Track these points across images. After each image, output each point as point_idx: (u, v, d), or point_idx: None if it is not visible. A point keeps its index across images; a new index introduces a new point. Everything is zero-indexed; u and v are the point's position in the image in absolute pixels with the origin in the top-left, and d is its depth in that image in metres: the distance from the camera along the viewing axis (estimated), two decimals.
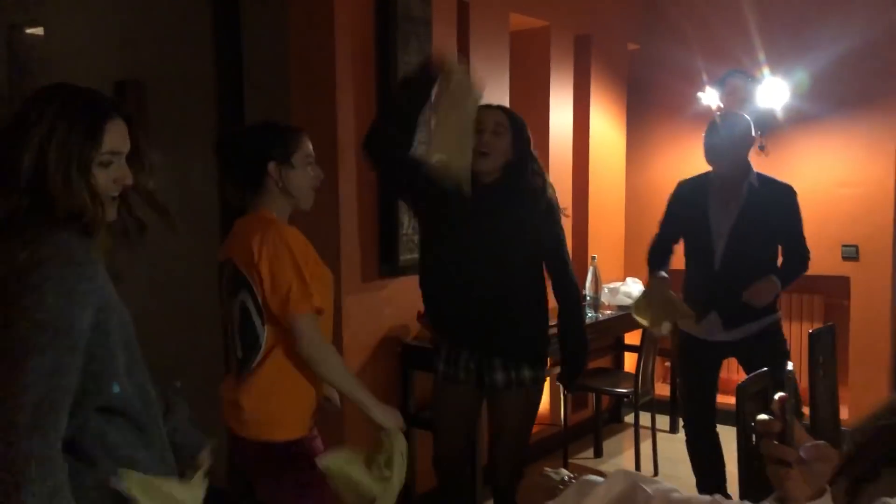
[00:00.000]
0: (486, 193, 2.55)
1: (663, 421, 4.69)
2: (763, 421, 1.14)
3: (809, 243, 4.71)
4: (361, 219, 3.34)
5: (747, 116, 3.28)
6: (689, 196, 3.33)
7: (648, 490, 0.99)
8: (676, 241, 3.40)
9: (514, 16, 4.12)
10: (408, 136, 2.57)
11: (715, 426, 3.37)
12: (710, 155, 3.18)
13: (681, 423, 4.76)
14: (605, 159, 4.96)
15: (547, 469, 1.13)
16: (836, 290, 4.75)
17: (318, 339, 2.05)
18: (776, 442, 1.10)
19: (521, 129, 2.61)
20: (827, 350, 2.88)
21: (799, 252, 3.26)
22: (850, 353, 4.61)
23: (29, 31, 4.54)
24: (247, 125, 2.50)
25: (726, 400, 3.26)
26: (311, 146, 2.23)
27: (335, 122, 3.18)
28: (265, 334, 2.09)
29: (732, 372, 4.43)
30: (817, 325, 4.40)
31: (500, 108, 2.65)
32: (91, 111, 1.43)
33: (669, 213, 3.41)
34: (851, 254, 4.67)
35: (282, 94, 3.35)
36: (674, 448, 4.21)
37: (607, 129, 4.98)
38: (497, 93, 4.02)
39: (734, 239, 3.15)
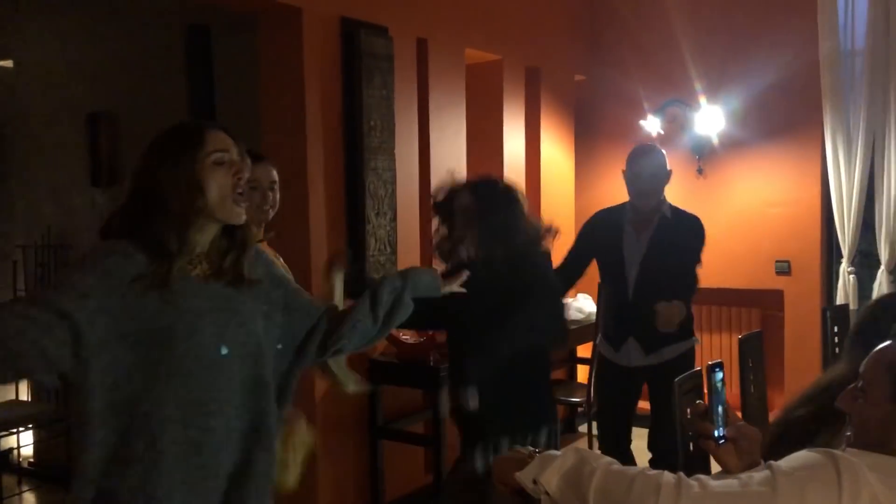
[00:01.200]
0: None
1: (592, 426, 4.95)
2: (693, 404, 1.40)
3: (745, 260, 5.11)
4: (330, 243, 3.55)
5: (664, 152, 3.43)
6: (605, 225, 3.44)
7: (594, 464, 1.23)
8: (582, 268, 3.51)
9: (470, 50, 4.40)
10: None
11: (629, 448, 3.48)
12: (638, 193, 3.31)
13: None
14: (555, 182, 5.25)
15: (517, 446, 1.37)
16: (771, 303, 5.10)
17: None
18: (702, 421, 1.36)
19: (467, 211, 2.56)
20: (756, 354, 3.17)
21: (691, 285, 3.32)
22: (785, 362, 4.95)
23: None
24: None
25: None
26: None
27: (305, 153, 3.39)
28: None
29: None
30: None
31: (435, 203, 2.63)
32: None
33: (581, 240, 3.54)
34: (784, 268, 5.02)
35: (253, 127, 3.56)
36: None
37: (557, 154, 5.28)
38: (454, 122, 4.29)
39: (646, 268, 3.25)
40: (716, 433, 1.36)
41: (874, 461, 1.15)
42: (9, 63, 4.65)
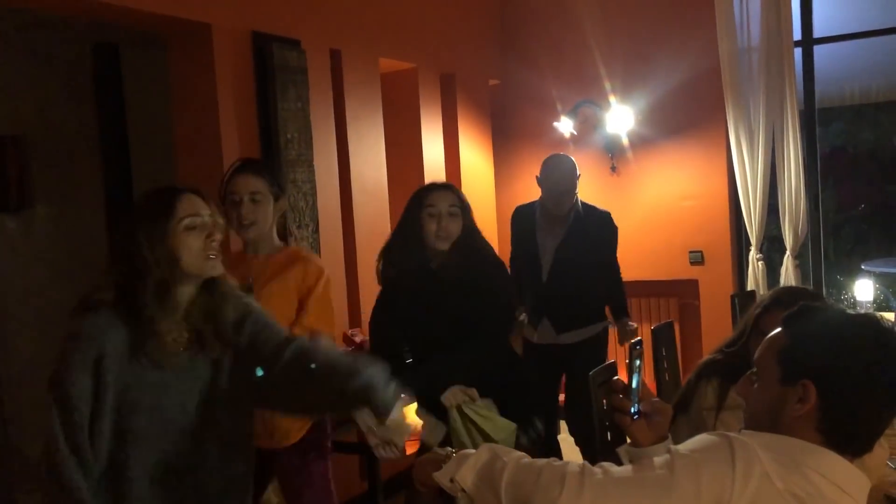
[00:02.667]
0: (437, 280, 2.61)
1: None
2: (612, 380, 1.49)
3: (661, 252, 5.30)
4: None
5: (570, 156, 3.80)
6: (521, 219, 3.88)
7: (505, 459, 1.29)
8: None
9: (383, 60, 4.45)
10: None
11: (556, 430, 3.76)
12: (554, 200, 3.66)
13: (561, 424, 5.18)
14: (476, 184, 5.34)
15: (436, 448, 1.42)
16: (687, 292, 5.30)
17: None
18: (620, 396, 1.44)
19: (466, 207, 2.68)
20: (668, 342, 3.32)
21: (613, 273, 3.83)
22: (703, 347, 5.16)
23: None
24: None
25: None
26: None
27: (221, 166, 3.34)
28: None
29: None
30: None
31: (447, 186, 2.71)
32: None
33: (512, 236, 3.96)
34: (698, 259, 5.23)
35: (167, 146, 3.53)
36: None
37: (475, 157, 5.37)
38: (372, 131, 4.33)
39: (560, 256, 3.66)
40: (632, 409, 1.44)
41: (766, 440, 1.24)
42: None
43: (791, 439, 1.23)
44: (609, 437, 2.44)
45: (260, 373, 1.79)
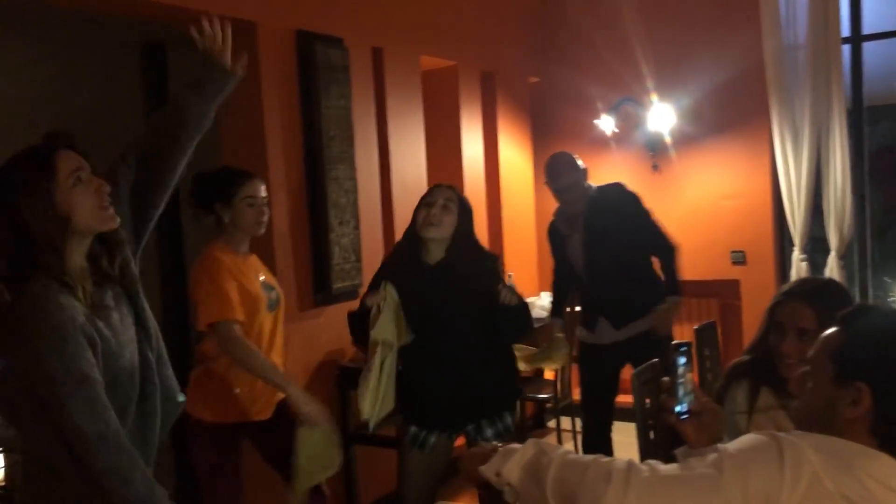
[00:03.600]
0: (433, 274, 2.71)
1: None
2: (661, 380, 1.49)
3: (702, 251, 5.24)
4: (295, 253, 3.58)
5: (572, 155, 3.63)
6: (553, 231, 3.77)
7: (551, 454, 1.30)
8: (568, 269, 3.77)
9: (425, 58, 4.46)
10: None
11: (610, 431, 3.66)
12: (567, 203, 3.54)
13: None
14: (515, 184, 5.34)
15: (482, 442, 1.44)
16: (728, 293, 5.23)
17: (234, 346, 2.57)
18: (664, 396, 1.45)
19: (465, 206, 2.76)
20: (711, 343, 3.28)
21: (663, 246, 3.54)
22: (743, 348, 5.08)
23: None
24: (206, 170, 2.81)
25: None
26: (259, 188, 2.70)
27: (266, 165, 3.43)
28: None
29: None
30: None
31: (449, 187, 2.80)
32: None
33: (552, 251, 3.83)
34: (740, 259, 5.17)
35: (212, 143, 3.57)
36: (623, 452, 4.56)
37: (515, 155, 5.36)
38: (413, 129, 4.36)
39: (589, 250, 3.50)
40: (677, 408, 1.44)
41: (817, 441, 1.22)
42: None
43: (843, 441, 1.22)
44: (652, 436, 2.43)
45: (181, 398, 1.80)
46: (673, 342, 1.57)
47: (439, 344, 2.69)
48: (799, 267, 4.88)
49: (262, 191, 2.75)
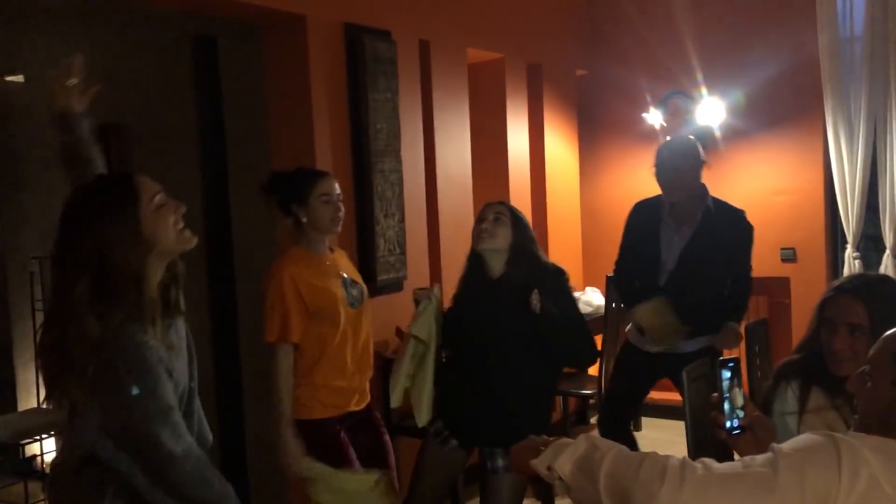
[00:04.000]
0: (493, 287, 2.75)
1: None
2: (711, 395, 1.48)
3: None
4: (341, 245, 3.59)
5: (692, 138, 3.43)
6: (643, 215, 3.47)
7: (603, 449, 1.29)
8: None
9: (471, 50, 4.45)
10: None
11: (629, 430, 3.61)
12: (662, 186, 3.34)
13: (643, 420, 5.12)
14: (560, 177, 5.31)
15: (532, 436, 1.44)
16: (777, 291, 5.14)
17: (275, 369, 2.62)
18: (714, 412, 1.44)
19: (518, 218, 2.80)
20: (761, 341, 3.22)
21: (745, 281, 3.42)
22: (792, 348, 4.99)
23: (9, 78, 4.74)
24: (281, 171, 2.85)
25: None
26: (333, 185, 2.72)
27: (314, 158, 3.45)
28: None
29: None
30: None
31: (499, 202, 2.86)
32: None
33: (628, 233, 3.55)
34: (790, 256, 5.06)
35: (261, 134, 3.62)
36: (639, 444, 4.52)
37: (561, 149, 5.33)
38: (458, 121, 4.35)
39: (685, 259, 3.28)
40: (727, 424, 1.43)
41: (876, 443, 1.19)
42: (20, 78, 4.73)
43: None
44: (704, 436, 2.40)
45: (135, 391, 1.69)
46: (719, 357, 1.55)
47: (485, 360, 2.72)
48: (852, 265, 4.77)
49: (336, 188, 2.74)
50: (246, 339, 3.81)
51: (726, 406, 1.47)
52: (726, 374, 1.48)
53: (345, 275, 2.79)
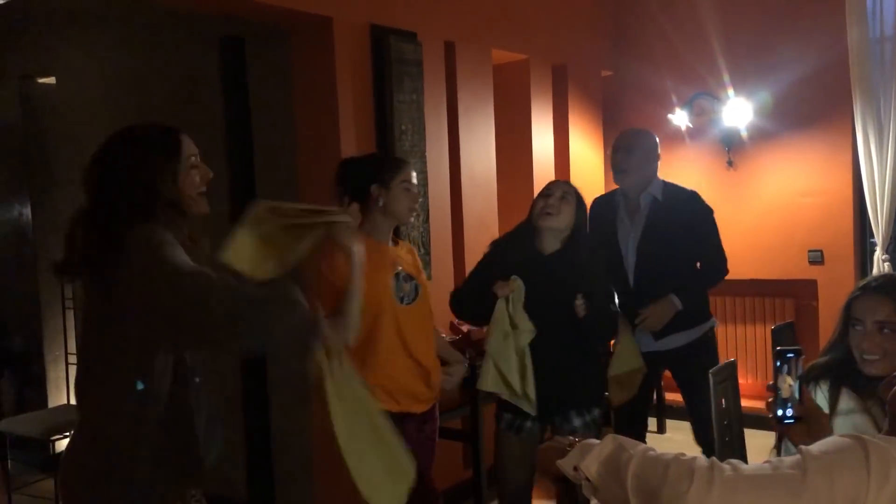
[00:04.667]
0: (546, 262, 2.76)
1: (650, 423, 4.98)
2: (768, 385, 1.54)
3: (778, 250, 5.10)
4: None
5: (652, 133, 3.39)
6: (600, 213, 3.35)
7: (630, 451, 1.29)
8: None
9: (496, 51, 4.46)
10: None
11: (643, 433, 3.56)
12: (613, 170, 3.30)
13: (667, 422, 5.09)
14: (585, 178, 5.28)
15: (557, 437, 1.44)
16: (804, 293, 5.09)
17: None
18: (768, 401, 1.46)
19: (581, 201, 2.81)
20: (788, 344, 3.18)
21: (713, 262, 3.26)
22: (820, 351, 4.94)
23: (41, 80, 4.82)
24: (357, 155, 2.83)
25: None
26: (414, 174, 2.68)
27: (339, 158, 3.45)
28: None
29: None
30: None
31: (566, 182, 2.88)
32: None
33: (591, 233, 3.22)
34: (817, 258, 5.01)
35: (288, 135, 3.65)
36: (661, 447, 4.49)
37: (585, 150, 5.31)
38: (483, 122, 4.36)
39: (642, 254, 3.20)
40: (779, 412, 1.47)
41: None
42: (51, 80, 4.80)
43: None
44: (728, 438, 2.38)
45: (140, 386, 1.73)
46: (777, 347, 1.57)
47: (543, 331, 2.71)
48: (881, 267, 4.71)
49: (415, 178, 2.71)
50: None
51: (779, 395, 1.50)
52: (781, 363, 1.50)
53: (400, 268, 2.68)
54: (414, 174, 2.69)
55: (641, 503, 1.22)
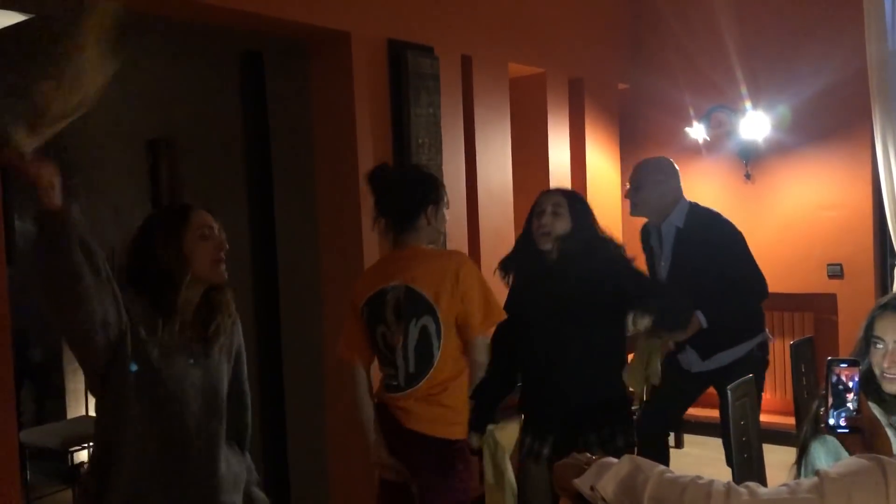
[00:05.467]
0: (553, 270, 2.69)
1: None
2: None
3: (797, 264, 5.05)
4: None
5: (663, 161, 3.39)
6: (645, 239, 3.51)
7: (647, 472, 1.28)
8: None
9: (513, 65, 4.47)
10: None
11: (666, 446, 3.55)
12: (631, 207, 3.38)
13: (685, 437, 5.06)
14: (602, 191, 5.28)
15: (575, 453, 1.43)
16: (824, 307, 5.04)
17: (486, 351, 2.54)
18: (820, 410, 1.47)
19: (575, 205, 2.73)
20: (807, 358, 3.16)
21: (744, 282, 3.24)
22: None
23: None
24: (403, 172, 2.79)
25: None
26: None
27: (357, 171, 3.49)
28: (439, 354, 2.47)
29: None
30: None
31: (556, 191, 2.82)
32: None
33: (644, 252, 3.52)
34: (836, 272, 4.97)
35: (306, 148, 3.68)
36: (679, 462, 4.47)
37: (602, 163, 5.31)
38: (500, 136, 4.37)
39: (674, 279, 3.25)
40: (830, 421, 1.50)
41: None
42: None
43: None
44: (746, 455, 2.36)
45: (133, 368, 1.88)
46: (829, 358, 1.60)
47: (555, 343, 2.65)
48: None
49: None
50: (289, 347, 3.85)
51: (831, 403, 1.52)
52: (831, 373, 1.54)
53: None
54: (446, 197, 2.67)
55: None
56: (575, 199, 2.75)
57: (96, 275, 1.73)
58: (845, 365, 1.55)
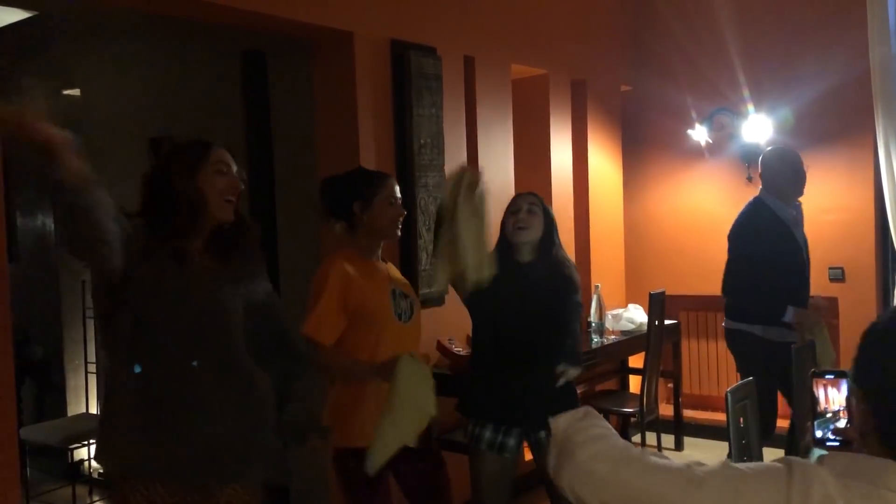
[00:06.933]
0: (525, 271, 2.81)
1: (668, 439, 4.96)
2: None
3: None
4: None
5: (785, 151, 3.86)
6: (768, 219, 3.79)
7: (593, 420, 1.33)
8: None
9: (515, 66, 4.47)
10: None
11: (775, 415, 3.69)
12: (793, 189, 3.82)
13: (685, 440, 5.05)
14: (604, 193, 5.29)
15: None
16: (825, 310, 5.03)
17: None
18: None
19: (547, 210, 2.88)
20: (808, 362, 3.15)
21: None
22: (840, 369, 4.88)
23: (66, 92, 4.88)
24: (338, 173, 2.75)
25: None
26: (396, 188, 2.66)
27: None
28: None
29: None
30: None
31: (529, 193, 2.94)
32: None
33: (757, 242, 3.72)
34: (838, 275, 4.97)
35: (308, 149, 3.68)
36: None
37: (604, 165, 5.31)
38: (502, 137, 4.37)
39: (807, 255, 3.86)
40: (817, 434, 1.52)
41: (847, 464, 1.17)
42: (76, 91, 4.87)
43: (867, 457, 1.17)
44: (746, 458, 2.36)
45: (138, 369, 1.94)
46: (813, 370, 1.57)
47: (520, 340, 2.74)
48: None
49: (398, 192, 2.67)
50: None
51: (818, 416, 1.52)
52: (816, 386, 1.52)
53: (395, 287, 2.65)
54: (397, 188, 2.66)
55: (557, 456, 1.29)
56: (545, 203, 2.90)
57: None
58: (832, 377, 1.53)
